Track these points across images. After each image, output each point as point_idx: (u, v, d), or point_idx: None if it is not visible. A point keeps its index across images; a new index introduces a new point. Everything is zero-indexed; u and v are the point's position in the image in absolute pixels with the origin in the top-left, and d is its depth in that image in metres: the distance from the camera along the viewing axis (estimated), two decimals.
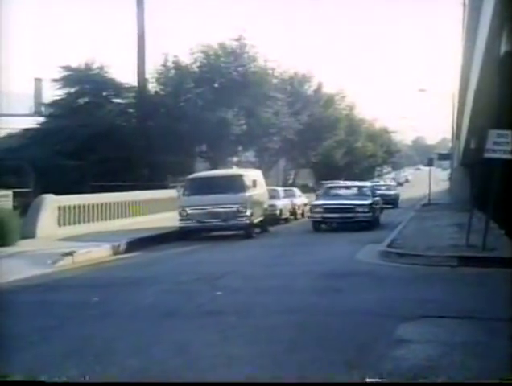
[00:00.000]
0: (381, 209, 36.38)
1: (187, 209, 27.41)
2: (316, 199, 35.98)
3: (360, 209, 31.23)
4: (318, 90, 60.96)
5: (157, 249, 23.97)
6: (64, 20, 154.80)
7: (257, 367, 8.87)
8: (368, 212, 31.36)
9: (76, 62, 40.50)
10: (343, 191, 35.57)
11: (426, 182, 57.48)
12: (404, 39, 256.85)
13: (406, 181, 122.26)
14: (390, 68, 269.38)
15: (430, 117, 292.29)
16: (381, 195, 47.83)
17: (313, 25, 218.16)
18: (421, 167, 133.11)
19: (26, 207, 26.13)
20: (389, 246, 21.23)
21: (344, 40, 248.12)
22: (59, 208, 27.07)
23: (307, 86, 59.25)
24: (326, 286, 15.20)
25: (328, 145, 61.24)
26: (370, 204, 31.98)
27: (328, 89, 64.35)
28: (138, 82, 38.80)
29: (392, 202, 53.38)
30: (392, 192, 57.30)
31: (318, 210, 31.80)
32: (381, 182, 68.47)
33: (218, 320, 11.91)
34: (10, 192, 25.84)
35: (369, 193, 33.75)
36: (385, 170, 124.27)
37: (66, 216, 27.37)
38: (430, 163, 58.73)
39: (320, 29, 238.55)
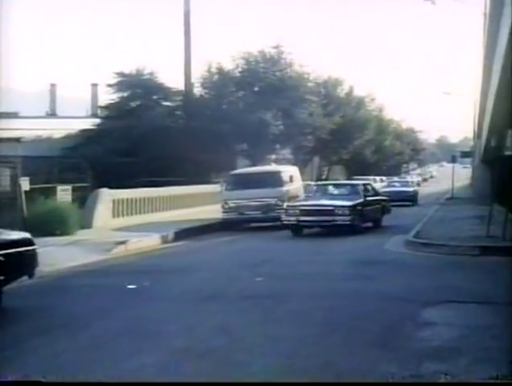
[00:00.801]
0: (386, 210, 28.80)
1: (229, 202, 27.54)
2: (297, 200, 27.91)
3: (339, 211, 24.63)
4: (350, 93, 60.87)
5: (201, 239, 24.03)
6: (117, 30, 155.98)
7: (295, 347, 8.87)
8: (348, 215, 24.52)
9: (129, 68, 40.75)
10: (331, 190, 28.12)
11: (449, 178, 56.85)
12: (429, 44, 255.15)
13: (431, 177, 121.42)
14: (416, 71, 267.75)
15: (453, 118, 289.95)
16: (397, 193, 44.96)
17: (346, 31, 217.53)
18: (444, 164, 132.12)
19: (83, 201, 26.38)
20: (415, 236, 21.10)
21: (373, 46, 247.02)
22: (113, 201, 27.27)
23: (339, 89, 59.15)
24: (356, 273, 15.16)
25: (358, 143, 60.99)
26: (353, 206, 24.95)
27: (358, 92, 64.27)
28: (185, 86, 38.94)
29: (410, 199, 47.31)
30: (410, 189, 50.29)
31: (293, 212, 25.17)
32: (396, 178, 61.17)
33: (258, 304, 11.92)
34: (69, 187, 26.08)
35: (359, 192, 26.66)
36: (411, 167, 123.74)
37: (119, 209, 27.58)
38: (453, 160, 58.33)
39: (351, 35, 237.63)
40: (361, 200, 25.89)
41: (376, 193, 29.25)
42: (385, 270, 15.70)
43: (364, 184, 28.94)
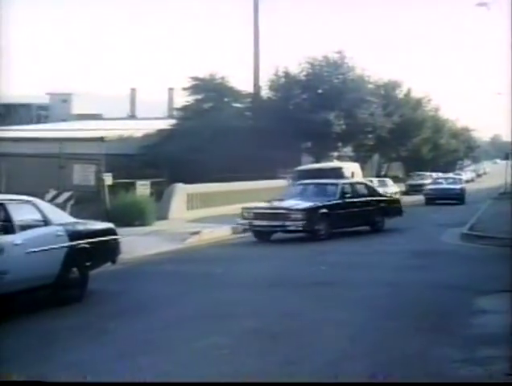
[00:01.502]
0: (391, 212, 23.99)
1: None
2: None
3: (292, 215, 19.89)
4: (408, 94, 60.26)
5: None
6: (191, 37, 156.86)
7: (358, 331, 8.87)
8: (302, 220, 19.73)
9: (203, 73, 41.05)
10: (307, 191, 22.51)
11: (502, 174, 55.76)
12: (482, 43, 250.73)
13: (485, 173, 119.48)
14: (470, 72, 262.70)
15: (506, 117, 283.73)
16: (443, 190, 41.98)
17: (404, 35, 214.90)
18: (498, 161, 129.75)
19: (160, 194, 26.70)
20: (469, 229, 20.82)
21: (431, 48, 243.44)
22: (187, 195, 27.56)
23: (398, 91, 58.68)
24: (414, 263, 15.05)
25: (416, 141, 60.27)
26: (309, 209, 20.11)
27: (416, 94, 63.57)
28: (254, 89, 39.05)
29: (456, 197, 41.22)
30: (457, 186, 43.80)
31: (247, 215, 20.96)
32: (441, 175, 55.39)
33: (322, 290, 11.94)
34: (148, 182, 26.38)
35: (335, 193, 21.73)
36: (465, 164, 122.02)
37: (193, 202, 27.84)
38: (506, 157, 57.22)
39: (409, 38, 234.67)
40: (331, 202, 21.05)
41: (371, 193, 23.71)
42: (441, 260, 15.56)
43: (349, 183, 23.61)
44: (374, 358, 7.25)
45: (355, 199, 22.14)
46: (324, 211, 20.48)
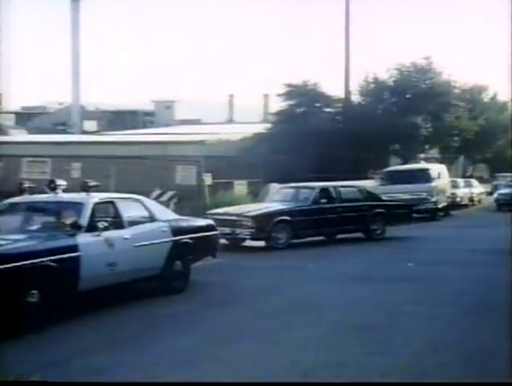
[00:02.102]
0: (391, 218, 20.24)
1: (383, 196, 27.26)
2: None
3: (244, 222, 17.31)
4: (494, 98, 58.89)
5: None
6: (283, 45, 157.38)
7: (443, 327, 8.74)
8: (251, 228, 17.14)
9: (296, 79, 41.18)
10: (282, 194, 20.36)
11: None
12: None
13: None
14: None
15: None
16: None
17: (487, 40, 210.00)
18: None
19: (256, 193, 26.91)
20: None
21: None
22: None
23: (484, 95, 57.43)
24: (487, 260, 14.75)
25: (501, 143, 58.76)
26: (260, 215, 17.54)
27: (502, 97, 62.00)
28: (345, 94, 38.86)
29: None
30: None
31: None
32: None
33: (407, 286, 11.82)
34: (244, 181, 26.67)
35: (308, 198, 18.84)
36: None
37: None
38: None
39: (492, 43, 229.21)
40: (298, 208, 18.25)
41: (365, 198, 20.34)
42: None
43: (332, 187, 19.99)
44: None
45: (337, 205, 18.99)
46: (285, 217, 17.67)
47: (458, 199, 34.87)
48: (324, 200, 18.87)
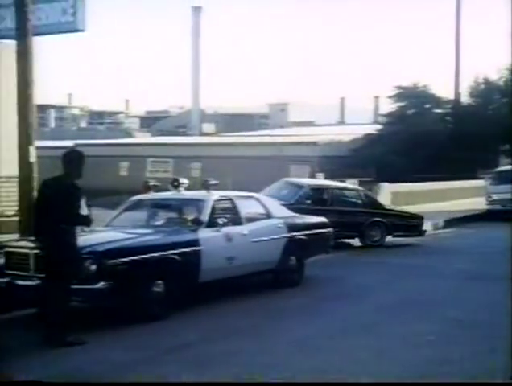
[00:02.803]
0: (389, 228, 17.14)
1: (493, 195, 26.40)
2: None
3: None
4: None
5: (468, 227, 23.18)
6: (393, 48, 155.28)
7: None
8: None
9: (406, 82, 40.68)
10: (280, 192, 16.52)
11: None
12: None
13: None
14: None
15: None
16: None
17: None
18: None
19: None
20: None
21: None
22: (391, 193, 27.27)
23: None
24: None
25: None
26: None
27: None
28: (455, 96, 37.96)
29: None
30: None
31: None
32: None
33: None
34: (356, 181, 26.47)
35: (294, 196, 15.93)
36: None
37: (397, 200, 27.47)
38: None
39: None
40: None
41: (363, 203, 17.20)
42: None
43: (313, 187, 16.84)
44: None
45: (325, 208, 15.66)
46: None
47: None
48: (309, 201, 16.09)
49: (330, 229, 12.54)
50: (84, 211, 7.70)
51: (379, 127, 39.80)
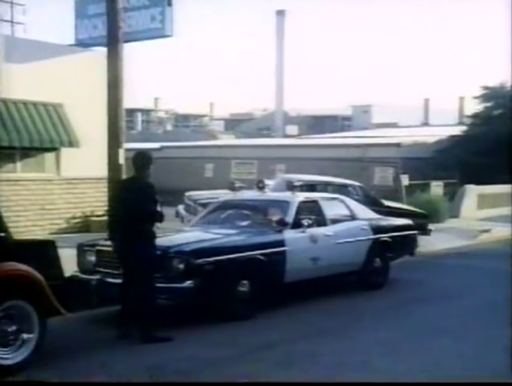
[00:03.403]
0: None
1: None
2: None
3: None
4: None
5: None
6: (477, 48, 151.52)
7: None
8: None
9: (493, 82, 39.59)
10: None
11: None
12: None
13: None
14: None
15: None
16: None
17: None
18: None
19: (452, 194, 26.10)
20: None
21: None
22: (478, 195, 26.67)
23: None
24: None
25: None
26: None
27: None
28: None
29: None
30: None
31: None
32: None
33: None
34: (441, 183, 25.98)
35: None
36: None
37: (483, 202, 26.85)
38: None
39: None
40: None
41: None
42: None
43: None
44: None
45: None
46: None
47: None
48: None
49: (415, 231, 12.36)
50: (158, 208, 7.92)
51: (464, 128, 38.88)
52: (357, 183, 17.28)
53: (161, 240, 8.21)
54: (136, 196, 7.80)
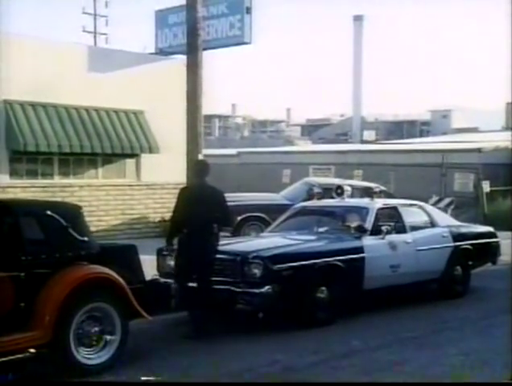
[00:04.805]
0: None
1: None
2: None
3: None
4: None
5: None
6: None
7: None
8: None
9: None
10: None
11: None
12: None
13: None
14: None
15: None
16: None
17: None
18: None
19: None
20: None
21: None
22: None
23: None
24: None
25: None
26: None
27: None
28: None
29: None
30: None
31: None
32: None
33: None
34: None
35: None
36: None
37: None
38: None
39: None
40: None
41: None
42: None
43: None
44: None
45: None
46: None
47: None
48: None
49: (497, 239, 12.05)
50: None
51: None
52: (382, 187, 16.48)
53: (240, 246, 8.27)
54: (210, 201, 8.12)
